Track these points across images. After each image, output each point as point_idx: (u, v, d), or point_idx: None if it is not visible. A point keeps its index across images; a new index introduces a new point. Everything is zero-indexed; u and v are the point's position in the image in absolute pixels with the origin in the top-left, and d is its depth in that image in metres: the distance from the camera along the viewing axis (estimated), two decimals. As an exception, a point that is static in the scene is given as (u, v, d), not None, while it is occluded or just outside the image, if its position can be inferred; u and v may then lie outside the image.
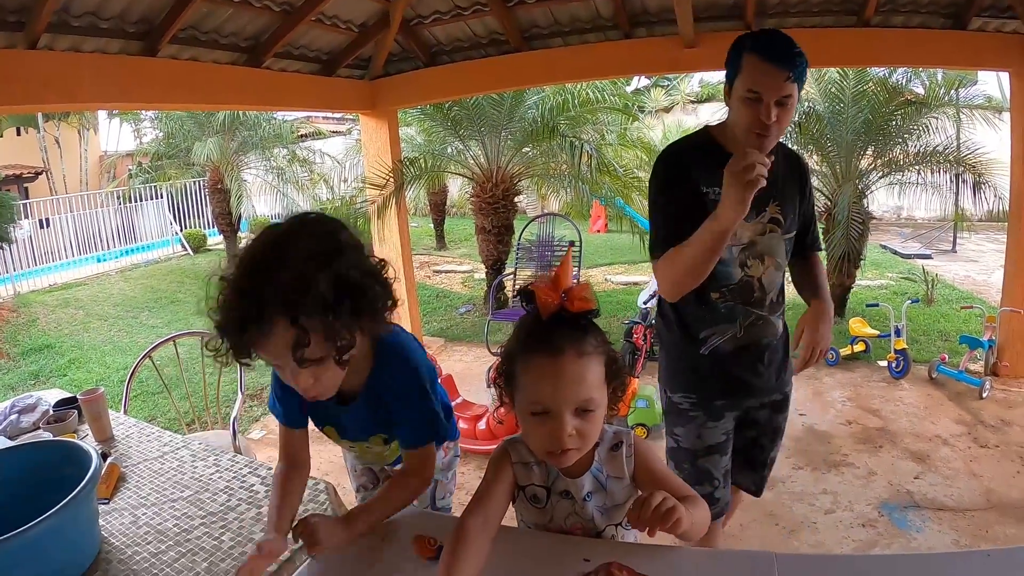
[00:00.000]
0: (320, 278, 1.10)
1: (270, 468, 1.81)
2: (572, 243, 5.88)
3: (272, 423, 4.39)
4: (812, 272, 1.98)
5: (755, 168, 1.41)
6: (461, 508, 1.21)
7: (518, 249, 6.13)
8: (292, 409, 1.44)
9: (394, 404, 1.38)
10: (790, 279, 1.99)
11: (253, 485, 1.73)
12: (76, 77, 3.11)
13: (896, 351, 4.68)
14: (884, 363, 4.81)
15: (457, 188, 12.03)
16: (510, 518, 1.27)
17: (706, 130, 1.83)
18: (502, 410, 1.18)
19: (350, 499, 1.74)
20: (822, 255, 2.14)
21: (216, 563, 1.40)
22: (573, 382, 1.06)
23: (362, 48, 4.64)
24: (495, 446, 3.73)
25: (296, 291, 1.09)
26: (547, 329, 1.08)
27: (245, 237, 11.25)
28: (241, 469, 1.82)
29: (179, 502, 1.66)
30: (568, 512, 1.22)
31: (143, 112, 11.88)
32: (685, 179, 1.72)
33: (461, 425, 3.52)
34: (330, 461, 3.45)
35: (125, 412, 2.60)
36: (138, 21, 3.28)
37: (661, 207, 1.77)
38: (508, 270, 6.47)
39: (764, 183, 1.43)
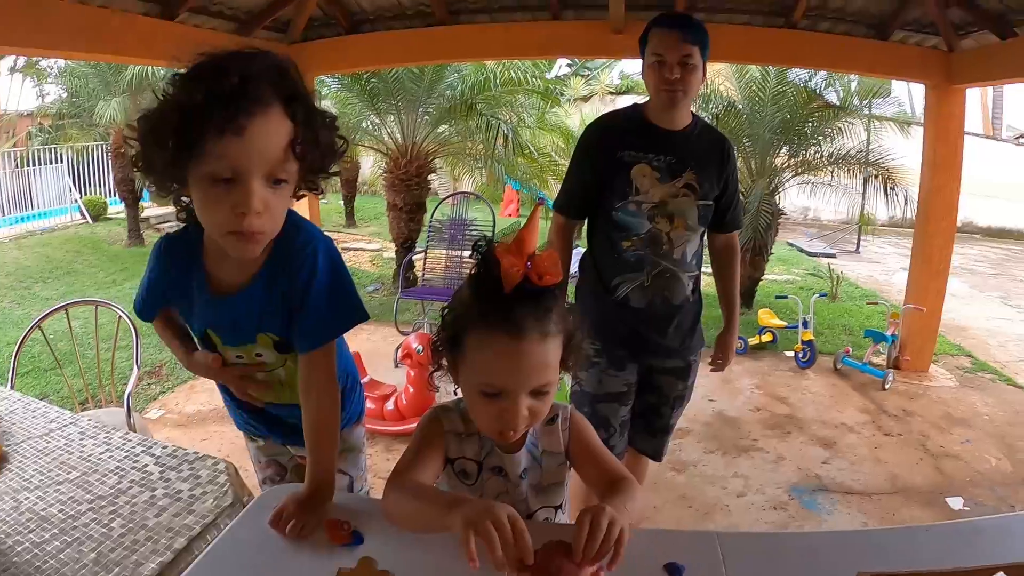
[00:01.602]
0: (300, 84, 1.02)
1: (165, 447, 1.68)
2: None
3: (172, 402, 4.16)
4: (727, 274, 2.23)
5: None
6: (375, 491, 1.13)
7: (430, 228, 6.05)
8: (157, 305, 1.38)
9: (299, 284, 1.17)
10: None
11: (147, 465, 1.58)
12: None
13: (803, 342, 4.87)
14: (791, 353, 5.00)
15: (370, 165, 11.76)
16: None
17: (635, 105, 2.08)
18: (436, 375, 1.09)
19: (253, 483, 1.61)
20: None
21: (105, 553, 1.27)
22: (534, 367, 0.98)
23: (282, 9, 4.40)
24: (405, 427, 3.65)
25: (287, 82, 1.00)
26: (509, 306, 0.96)
27: (147, 207, 10.67)
28: (134, 448, 1.67)
29: (65, 484, 1.51)
30: (500, 490, 1.15)
31: (48, 68, 11.04)
32: (604, 146, 1.99)
33: (368, 406, 3.42)
34: (231, 443, 3.28)
35: (12, 387, 2.38)
36: (46, -42, 3.00)
37: (574, 166, 2.10)
38: (419, 249, 6.38)
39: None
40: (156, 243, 1.29)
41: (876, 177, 6.46)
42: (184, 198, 1.11)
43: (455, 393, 1.11)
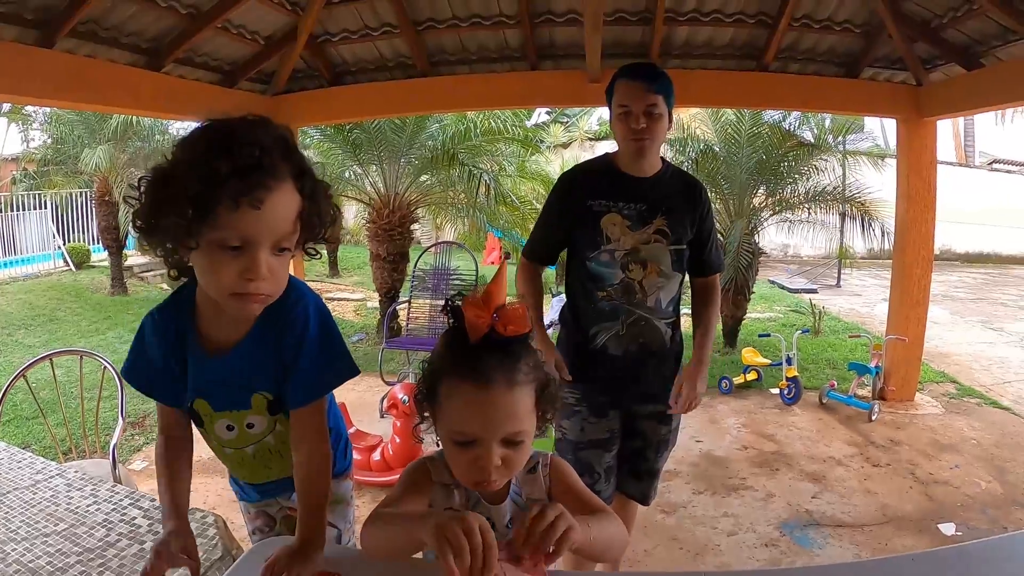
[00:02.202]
0: (301, 159, 1.05)
1: (152, 500, 1.67)
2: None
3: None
4: (704, 313, 2.22)
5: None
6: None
7: (413, 278, 6.07)
8: (155, 377, 1.26)
9: (291, 340, 1.20)
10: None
11: (135, 518, 1.58)
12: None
13: (788, 379, 4.90)
14: (776, 390, 5.03)
15: (353, 215, 11.83)
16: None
17: (605, 155, 2.13)
18: (421, 427, 1.11)
19: (242, 535, 1.60)
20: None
21: (93, 607, 1.27)
22: (502, 415, 0.99)
23: (266, 61, 4.50)
24: (392, 477, 3.62)
25: (296, 156, 1.03)
26: (475, 354, 0.98)
27: (131, 255, 10.62)
28: (122, 500, 1.67)
29: (52, 537, 1.50)
30: None
31: (33, 115, 11.06)
32: (574, 194, 2.05)
33: (355, 456, 3.40)
34: (217, 494, 3.22)
35: (-7, 437, 2.35)
36: (37, 8, 3.04)
37: (544, 216, 2.17)
38: (402, 299, 6.40)
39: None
40: (145, 320, 1.26)
41: (853, 211, 6.60)
42: (177, 255, 1.11)
43: (438, 444, 1.11)
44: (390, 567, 1.19)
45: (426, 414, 1.09)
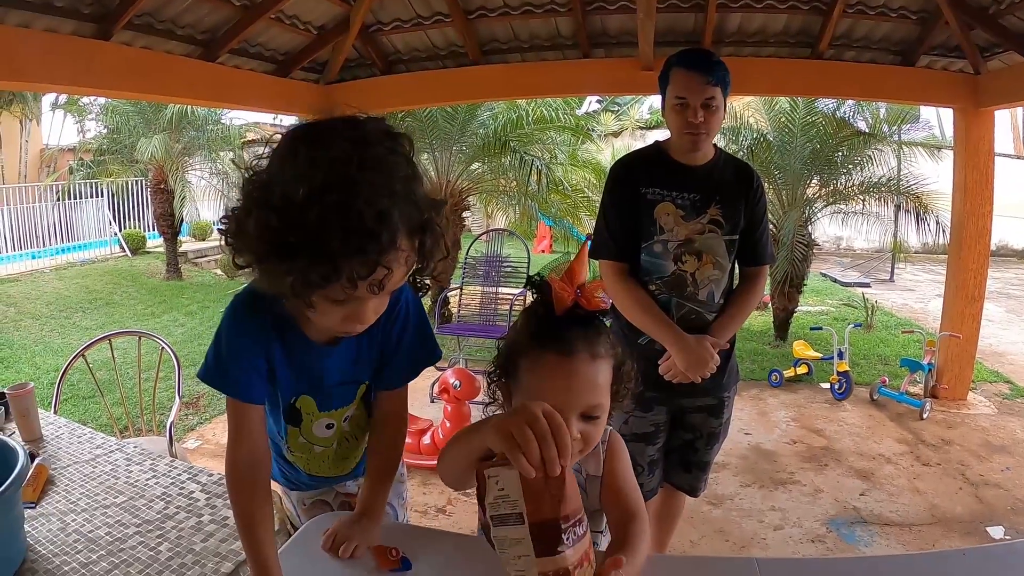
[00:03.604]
0: (423, 199, 0.95)
1: (211, 475, 1.71)
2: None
3: (210, 432, 4.22)
4: (739, 298, 2.06)
5: (702, 371, 1.87)
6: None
7: (464, 265, 6.11)
8: (253, 376, 1.12)
9: (397, 328, 1.21)
10: None
11: (193, 492, 1.62)
12: (25, 54, 2.94)
13: (839, 373, 4.79)
14: (827, 385, 4.92)
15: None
16: (468, 523, 1.19)
17: (656, 143, 2.07)
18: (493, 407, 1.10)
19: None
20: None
21: (152, 575, 1.30)
22: (584, 386, 1.00)
23: (319, 51, 4.55)
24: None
25: (416, 212, 0.93)
26: (560, 327, 1.00)
27: (186, 242, 10.89)
28: (180, 475, 1.71)
29: (112, 508, 1.55)
30: None
31: (88, 106, 11.42)
32: (629, 183, 1.98)
33: (406, 440, 3.45)
34: (272, 471, 3.32)
35: (55, 412, 2.44)
36: (94, 3, 3.14)
37: (605, 210, 2.05)
38: (454, 286, 6.44)
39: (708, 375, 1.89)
40: (234, 311, 1.13)
41: (907, 204, 6.41)
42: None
43: None
44: (446, 542, 1.21)
45: (497, 395, 1.10)
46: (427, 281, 1.10)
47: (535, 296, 1.05)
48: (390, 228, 0.88)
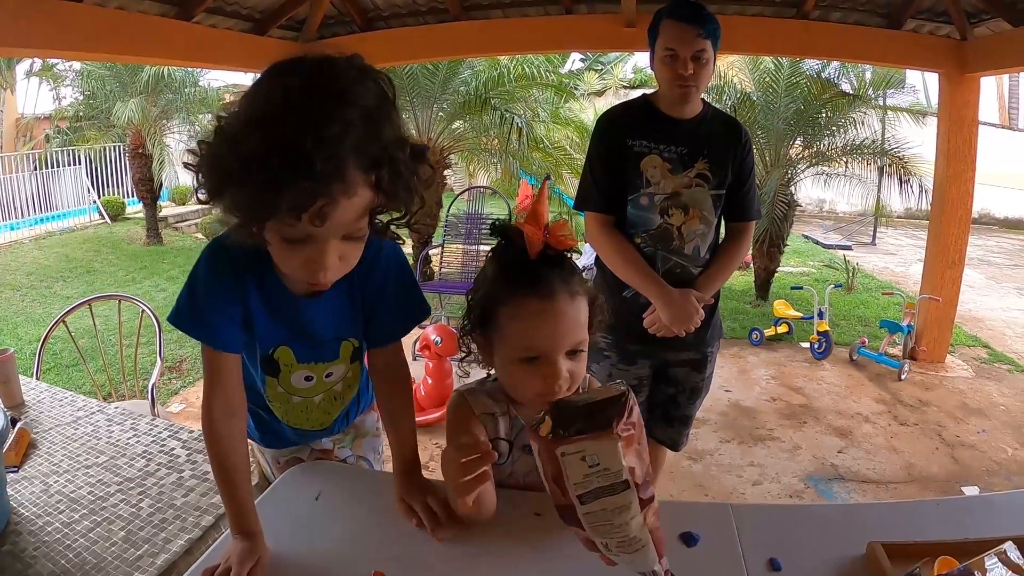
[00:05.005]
0: (388, 134, 0.91)
1: (191, 431, 1.72)
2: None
3: (193, 396, 4.22)
4: (725, 253, 2.06)
5: (686, 325, 1.89)
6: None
7: (446, 223, 6.11)
8: (229, 323, 1.09)
9: (377, 285, 1.18)
10: None
11: (174, 449, 1.63)
12: (-7, 17, 2.86)
13: (819, 333, 4.85)
14: (806, 344, 5.00)
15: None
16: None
17: (643, 95, 2.05)
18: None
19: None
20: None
21: (134, 531, 1.31)
22: (569, 325, 1.02)
23: (297, 8, 4.45)
24: (425, 417, 3.68)
25: (374, 144, 0.88)
26: (535, 270, 1.01)
27: (165, 207, 10.75)
28: (160, 433, 1.72)
29: (93, 468, 1.55)
30: (530, 468, 1.15)
31: (64, 72, 11.14)
32: (615, 135, 1.96)
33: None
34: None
35: (37, 378, 2.43)
36: (64, -38, 3.06)
37: (591, 162, 2.03)
38: (435, 243, 6.44)
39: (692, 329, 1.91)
40: (209, 255, 1.10)
41: (891, 167, 6.43)
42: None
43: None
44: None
45: (471, 347, 1.11)
46: (395, 229, 1.07)
47: (501, 243, 1.05)
48: (333, 155, 0.83)
